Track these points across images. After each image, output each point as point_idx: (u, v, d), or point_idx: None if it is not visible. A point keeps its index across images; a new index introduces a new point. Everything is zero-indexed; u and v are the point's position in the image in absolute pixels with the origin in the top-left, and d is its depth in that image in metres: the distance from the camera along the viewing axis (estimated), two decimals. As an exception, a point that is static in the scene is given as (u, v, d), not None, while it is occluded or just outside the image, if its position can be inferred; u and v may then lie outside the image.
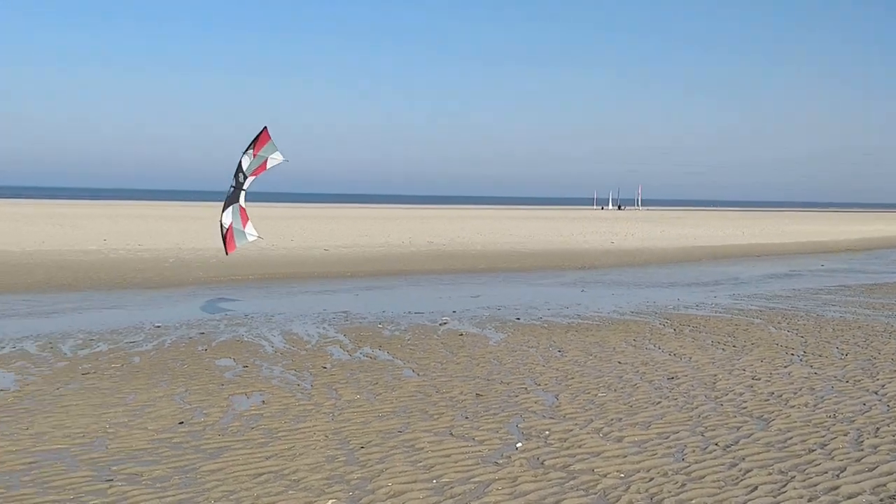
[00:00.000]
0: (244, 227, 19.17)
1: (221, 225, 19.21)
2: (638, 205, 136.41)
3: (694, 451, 8.49)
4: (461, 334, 15.59)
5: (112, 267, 26.04)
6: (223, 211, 19.01)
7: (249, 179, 18.88)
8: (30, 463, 8.01)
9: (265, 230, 43.70)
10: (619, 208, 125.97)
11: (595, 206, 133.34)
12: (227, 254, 19.80)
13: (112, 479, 7.57)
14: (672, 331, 16.19)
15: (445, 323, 16.94)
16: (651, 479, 7.64)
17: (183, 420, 9.55)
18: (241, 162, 18.76)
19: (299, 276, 25.94)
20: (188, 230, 38.71)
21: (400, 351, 13.92)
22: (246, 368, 12.43)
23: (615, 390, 11.13)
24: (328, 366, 12.68)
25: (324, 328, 16.15)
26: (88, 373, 11.96)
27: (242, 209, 19.02)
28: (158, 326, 16.01)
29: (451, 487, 7.43)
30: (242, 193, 18.99)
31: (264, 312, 18.13)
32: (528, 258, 33.54)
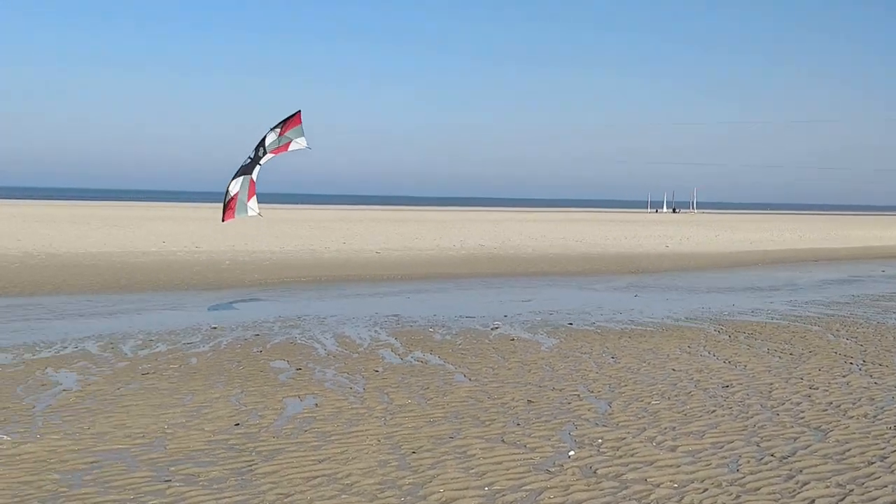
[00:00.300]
0: (248, 200, 19.42)
1: (227, 191, 19.46)
2: (693, 207, 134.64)
3: (749, 461, 8.37)
4: (513, 339, 15.58)
5: (171, 268, 26.60)
6: (233, 178, 19.27)
7: (268, 156, 19.18)
8: (91, 462, 8.23)
9: (317, 233, 44.45)
10: (674, 211, 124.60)
11: (649, 210, 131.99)
12: (222, 220, 20.07)
13: (170, 480, 7.74)
14: (727, 337, 15.96)
15: (497, 327, 16.94)
16: (705, 490, 7.56)
17: (239, 422, 9.72)
18: (265, 137, 19.05)
19: (351, 279, 26.18)
20: (242, 233, 39.30)
21: (451, 355, 13.97)
22: (299, 371, 12.59)
23: (669, 398, 11.02)
24: (380, 369, 12.78)
25: (375, 331, 16.28)
26: (148, 373, 12.24)
27: (252, 182, 19.29)
28: (215, 328, 16.31)
29: (503, 495, 7.44)
30: (257, 168, 19.24)
31: (317, 315, 18.34)
32: (580, 262, 33.34)
